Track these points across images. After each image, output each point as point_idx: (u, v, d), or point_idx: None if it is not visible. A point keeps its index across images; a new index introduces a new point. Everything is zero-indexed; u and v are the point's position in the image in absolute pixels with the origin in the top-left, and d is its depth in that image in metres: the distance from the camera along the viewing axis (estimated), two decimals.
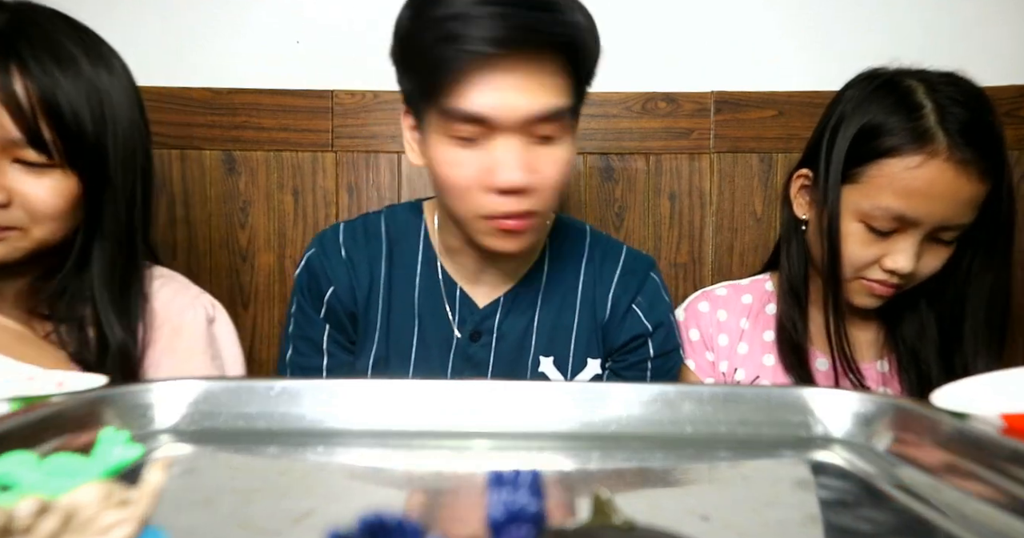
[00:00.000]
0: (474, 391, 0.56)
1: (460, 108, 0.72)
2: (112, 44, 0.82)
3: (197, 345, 0.83)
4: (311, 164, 1.29)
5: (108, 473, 0.29)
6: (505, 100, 0.71)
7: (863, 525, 0.39)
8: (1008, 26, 1.28)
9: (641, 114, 1.29)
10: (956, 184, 0.79)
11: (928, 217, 0.80)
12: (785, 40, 1.29)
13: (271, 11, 1.30)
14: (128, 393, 0.54)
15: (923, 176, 0.79)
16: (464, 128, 0.73)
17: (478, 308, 0.87)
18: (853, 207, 0.84)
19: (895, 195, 0.80)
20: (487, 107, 0.71)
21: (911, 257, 0.82)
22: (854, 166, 0.83)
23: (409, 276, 0.87)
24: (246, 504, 0.40)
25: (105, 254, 0.75)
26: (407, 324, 0.86)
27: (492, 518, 0.26)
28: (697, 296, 1.02)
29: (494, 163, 0.73)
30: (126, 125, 0.75)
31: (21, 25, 0.68)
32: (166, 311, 0.82)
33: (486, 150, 0.74)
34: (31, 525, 0.23)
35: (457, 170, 0.75)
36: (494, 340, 0.86)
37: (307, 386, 0.56)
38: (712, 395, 0.55)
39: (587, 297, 0.89)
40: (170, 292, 0.84)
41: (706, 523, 0.38)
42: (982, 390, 0.49)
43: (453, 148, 0.75)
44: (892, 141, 0.80)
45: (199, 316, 0.84)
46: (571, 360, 0.88)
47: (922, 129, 0.79)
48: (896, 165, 0.80)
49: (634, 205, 1.31)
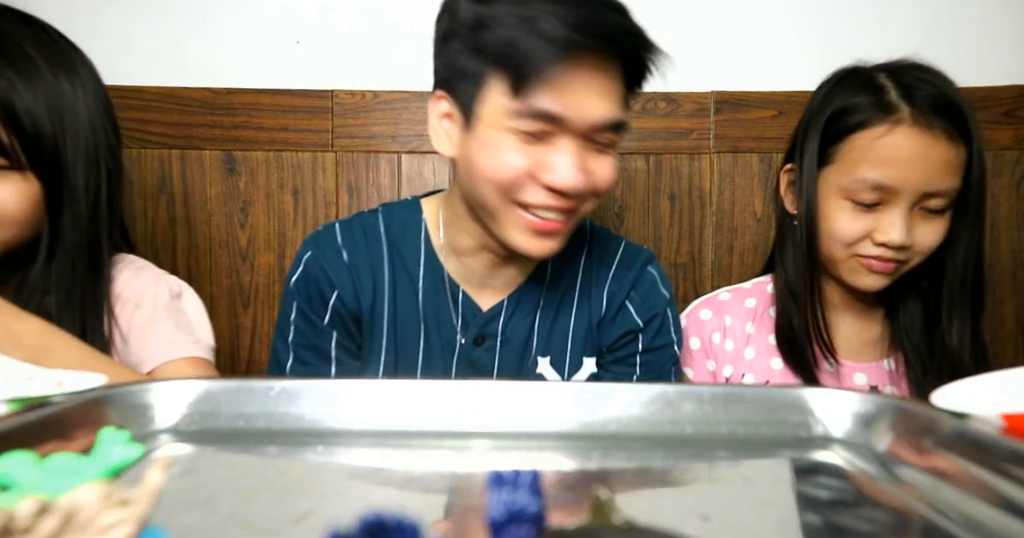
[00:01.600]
0: (474, 391, 0.56)
1: (539, 106, 0.71)
2: (112, 44, 0.82)
3: (159, 314, 0.83)
4: (311, 164, 1.29)
5: (108, 473, 0.29)
6: (583, 103, 0.72)
7: (863, 525, 0.39)
8: (1008, 26, 1.28)
9: (641, 114, 1.29)
10: (925, 147, 0.82)
11: (906, 183, 0.83)
12: (785, 40, 1.29)
13: (271, 11, 1.30)
14: (128, 393, 0.53)
15: (891, 143, 0.82)
16: (533, 124, 0.72)
17: (481, 311, 0.86)
18: (835, 187, 0.87)
19: (869, 165, 0.83)
20: (568, 108, 0.71)
21: (900, 227, 0.83)
22: (828, 148, 0.87)
23: (412, 279, 0.85)
24: (246, 504, 0.40)
25: (66, 252, 0.76)
26: (412, 330, 0.84)
27: (492, 518, 0.26)
28: (699, 303, 1.02)
29: (553, 161, 0.73)
30: (88, 129, 0.76)
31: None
32: (126, 291, 0.84)
33: (548, 147, 0.74)
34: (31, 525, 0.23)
35: (513, 160, 0.73)
36: (498, 344, 0.85)
37: (307, 386, 0.56)
38: (712, 395, 0.55)
39: (584, 295, 0.89)
40: (129, 274, 0.86)
41: (706, 523, 0.38)
42: (982, 390, 0.49)
43: (511, 139, 0.73)
44: (859, 117, 0.85)
45: (161, 291, 0.86)
46: (568, 359, 0.87)
47: (885, 101, 0.84)
48: (865, 137, 0.84)
49: (634, 205, 1.31)
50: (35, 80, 0.70)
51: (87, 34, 1.28)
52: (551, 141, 0.73)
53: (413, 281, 0.85)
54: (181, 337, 0.84)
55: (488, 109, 0.74)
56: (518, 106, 0.72)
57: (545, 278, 0.88)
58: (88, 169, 0.76)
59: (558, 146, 0.73)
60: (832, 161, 0.87)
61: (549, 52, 0.68)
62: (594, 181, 0.75)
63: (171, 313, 0.85)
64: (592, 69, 0.71)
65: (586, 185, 0.74)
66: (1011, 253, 1.27)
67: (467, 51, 0.75)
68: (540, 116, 0.72)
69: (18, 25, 0.73)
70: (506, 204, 0.76)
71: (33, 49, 0.72)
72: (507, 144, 0.73)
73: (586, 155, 0.74)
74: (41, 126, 0.71)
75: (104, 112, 0.80)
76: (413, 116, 1.29)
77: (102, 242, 0.80)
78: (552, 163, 0.73)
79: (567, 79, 0.70)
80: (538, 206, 0.75)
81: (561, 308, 0.88)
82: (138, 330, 0.83)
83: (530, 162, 0.73)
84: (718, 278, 1.27)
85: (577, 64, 0.70)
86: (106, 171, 0.79)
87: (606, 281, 0.89)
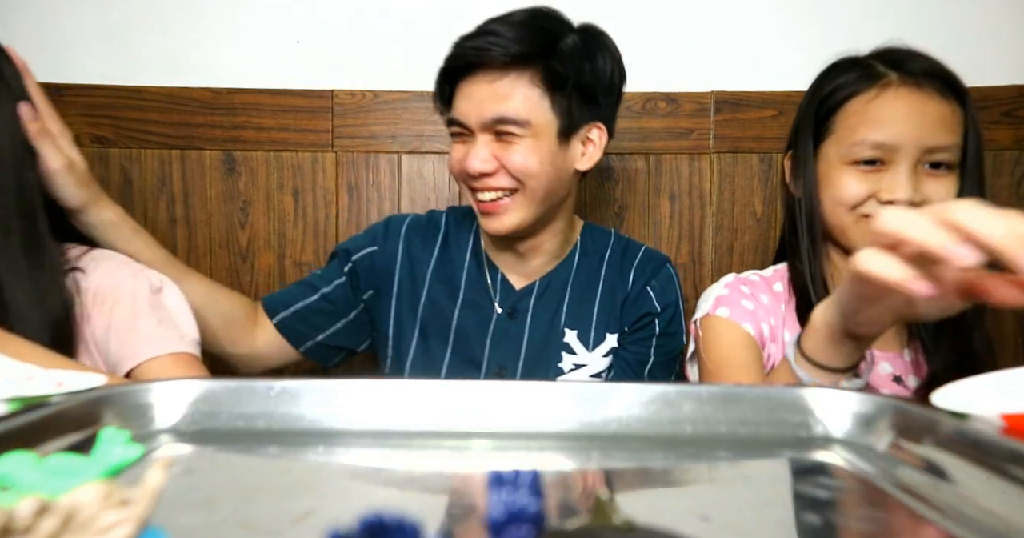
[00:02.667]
0: (474, 391, 0.56)
1: (452, 115, 0.95)
2: (111, 45, 0.83)
3: (140, 309, 0.85)
4: (311, 164, 1.29)
5: (108, 473, 0.29)
6: (478, 106, 0.92)
7: (863, 525, 0.39)
8: (1008, 26, 1.28)
9: (641, 114, 1.29)
10: (917, 102, 0.85)
11: (904, 138, 0.84)
12: (785, 40, 1.30)
13: (271, 11, 1.30)
14: (128, 393, 0.53)
15: (883, 103, 0.86)
16: (451, 127, 0.96)
17: (515, 290, 1.02)
18: (835, 157, 0.89)
19: (865, 127, 0.86)
20: (462, 114, 0.93)
21: (905, 184, 0.84)
22: (824, 124, 0.91)
23: (459, 261, 1.04)
24: (246, 504, 0.40)
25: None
26: (450, 299, 1.01)
27: (492, 518, 0.26)
28: (732, 277, 0.98)
29: (466, 154, 0.94)
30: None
31: None
32: (102, 287, 0.85)
33: (463, 144, 0.96)
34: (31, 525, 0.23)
35: (455, 154, 0.97)
36: (528, 318, 1.00)
37: (307, 386, 0.56)
38: (712, 395, 0.55)
39: (609, 280, 1.03)
40: (106, 269, 0.87)
41: (706, 523, 0.38)
42: (982, 390, 0.49)
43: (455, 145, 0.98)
44: (849, 89, 0.89)
45: (140, 285, 0.87)
46: (592, 333, 1.00)
47: (872, 71, 0.88)
48: (857, 103, 0.88)
49: (634, 205, 1.31)
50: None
51: (87, 34, 1.28)
52: (465, 140, 0.95)
53: (460, 262, 1.03)
54: (164, 333, 0.84)
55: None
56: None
57: (572, 266, 1.03)
58: (10, 141, 0.81)
59: (468, 141, 0.94)
60: (829, 135, 0.90)
61: (447, 73, 0.94)
62: (504, 165, 0.92)
63: (152, 308, 0.86)
64: (487, 78, 0.91)
65: (493, 168, 0.92)
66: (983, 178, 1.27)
67: None
68: (450, 122, 0.96)
69: None
70: (469, 194, 0.96)
71: None
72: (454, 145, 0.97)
73: (494, 145, 0.92)
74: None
75: (9, 107, 0.83)
76: (413, 116, 1.30)
77: (37, 229, 0.82)
78: (465, 156, 0.93)
79: (466, 90, 0.92)
80: (474, 189, 0.95)
81: (587, 290, 1.02)
82: (118, 327, 0.83)
83: (460, 157, 0.94)
84: (718, 278, 1.27)
85: (471, 76, 0.91)
86: (22, 163, 0.82)
87: (631, 269, 1.03)
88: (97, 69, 1.25)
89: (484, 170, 0.92)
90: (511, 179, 0.92)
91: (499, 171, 0.92)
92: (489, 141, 0.92)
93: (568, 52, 0.90)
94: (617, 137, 1.29)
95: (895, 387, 0.90)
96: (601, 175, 1.31)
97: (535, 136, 0.91)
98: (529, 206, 0.94)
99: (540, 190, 0.93)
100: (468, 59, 0.91)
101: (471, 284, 1.02)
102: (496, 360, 0.99)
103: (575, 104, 0.92)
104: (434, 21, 1.31)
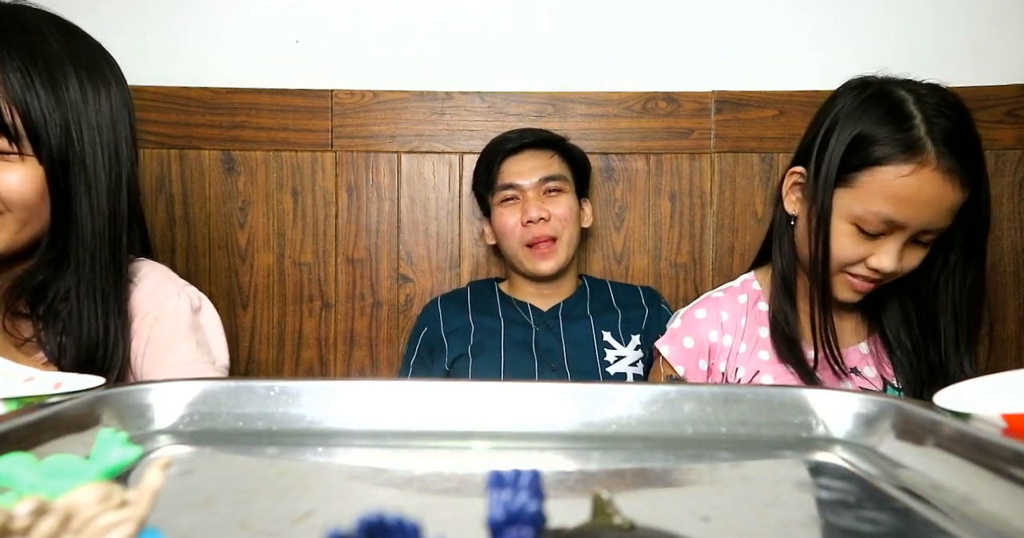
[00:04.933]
0: (474, 391, 0.56)
1: (501, 181, 1.21)
2: (111, 44, 0.82)
3: (181, 331, 0.83)
4: (310, 164, 1.29)
5: (106, 474, 0.29)
6: (526, 171, 1.20)
7: (864, 526, 0.39)
8: (1009, 26, 1.28)
9: (641, 114, 1.29)
10: (942, 191, 0.85)
11: (914, 221, 0.86)
12: (785, 40, 1.29)
13: (271, 11, 1.29)
14: (126, 394, 0.53)
15: (913, 184, 0.84)
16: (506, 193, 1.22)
17: (543, 312, 1.22)
18: (846, 210, 0.89)
19: (886, 201, 0.85)
20: (516, 176, 1.20)
21: (895, 258, 0.88)
22: (847, 171, 0.88)
23: (491, 305, 1.24)
24: (246, 504, 0.40)
25: (85, 246, 0.77)
26: (495, 327, 1.20)
27: (492, 518, 0.26)
28: (694, 304, 1.04)
29: (526, 209, 1.19)
30: (109, 124, 0.78)
31: (7, 28, 0.72)
32: (148, 301, 0.83)
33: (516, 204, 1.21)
34: (29, 526, 0.23)
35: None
36: (561, 327, 1.19)
37: (306, 386, 0.56)
38: (712, 396, 0.55)
39: (619, 293, 1.24)
40: (151, 283, 0.85)
41: (706, 524, 0.38)
42: (983, 390, 0.49)
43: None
44: (885, 150, 0.85)
45: (183, 304, 0.85)
46: (620, 335, 1.18)
47: (912, 139, 0.84)
48: (889, 173, 0.85)
49: (634, 205, 1.31)
50: (52, 78, 0.73)
51: None
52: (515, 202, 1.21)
53: (492, 305, 1.24)
54: (200, 356, 0.83)
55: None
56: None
57: (586, 292, 1.25)
58: (109, 163, 0.78)
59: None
60: (849, 185, 0.88)
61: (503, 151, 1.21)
62: (555, 212, 1.17)
63: (192, 329, 0.85)
64: (529, 154, 1.20)
65: (547, 218, 1.18)
66: (1013, 253, 1.27)
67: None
68: (503, 187, 1.21)
69: (45, 26, 0.76)
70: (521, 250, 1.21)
71: (57, 48, 0.74)
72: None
73: (545, 198, 1.19)
74: (48, 117, 0.73)
75: (127, 114, 0.82)
76: (413, 116, 1.30)
77: (122, 239, 0.80)
78: (525, 210, 1.18)
79: (516, 162, 1.20)
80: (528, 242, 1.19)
81: (605, 303, 1.23)
82: (156, 345, 0.82)
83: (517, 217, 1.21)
84: (719, 278, 1.27)
85: (519, 154, 1.20)
86: (127, 166, 0.81)
87: (639, 291, 1.25)
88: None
89: (548, 219, 1.19)
90: (559, 227, 1.19)
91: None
92: (539, 197, 1.20)
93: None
94: (617, 137, 1.30)
95: (853, 378, 0.95)
96: (601, 175, 1.31)
97: (569, 194, 1.22)
98: (567, 248, 1.21)
99: (575, 238, 1.22)
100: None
101: (508, 317, 1.21)
102: (546, 359, 1.15)
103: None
104: (434, 21, 1.31)
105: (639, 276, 1.32)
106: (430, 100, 1.30)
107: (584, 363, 1.15)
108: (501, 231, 1.20)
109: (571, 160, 1.23)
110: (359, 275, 1.31)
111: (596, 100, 1.29)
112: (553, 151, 1.21)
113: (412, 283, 1.32)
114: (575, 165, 1.23)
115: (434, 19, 1.31)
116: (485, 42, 1.32)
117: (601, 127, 1.30)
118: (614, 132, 1.29)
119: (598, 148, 1.30)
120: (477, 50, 1.32)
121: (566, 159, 1.22)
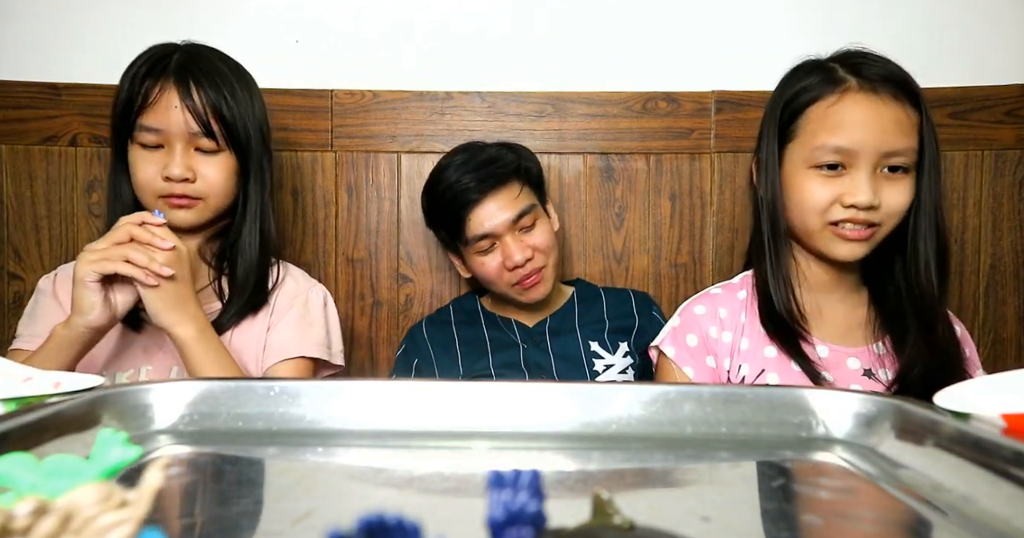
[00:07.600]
0: (474, 391, 0.56)
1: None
2: (111, 44, 0.83)
3: (317, 318, 1.06)
4: (310, 164, 1.29)
5: (106, 474, 0.29)
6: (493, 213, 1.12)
7: (864, 526, 0.39)
8: (1008, 26, 1.28)
9: (641, 114, 1.29)
10: (874, 109, 0.89)
11: (863, 144, 0.88)
12: (786, 39, 1.29)
13: (270, 11, 1.29)
14: (126, 393, 0.53)
15: (843, 108, 0.90)
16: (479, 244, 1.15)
17: (529, 328, 1.20)
18: (799, 160, 0.92)
19: (827, 132, 0.90)
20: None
21: (865, 187, 0.89)
22: (787, 128, 0.95)
23: (476, 325, 1.21)
24: (245, 504, 0.40)
25: (253, 215, 1.02)
26: (482, 354, 1.17)
27: (492, 518, 0.26)
28: (691, 301, 1.02)
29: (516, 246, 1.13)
30: (260, 126, 1.02)
31: (194, 59, 0.98)
32: (292, 292, 1.06)
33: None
34: (29, 526, 0.23)
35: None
36: (549, 342, 1.17)
37: (306, 386, 0.56)
38: (712, 396, 0.55)
39: (611, 304, 1.21)
40: (292, 280, 1.08)
41: (706, 524, 0.38)
42: (983, 390, 0.49)
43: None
44: (811, 93, 0.93)
45: (319, 295, 1.08)
46: (607, 343, 1.17)
47: (833, 76, 0.92)
48: (819, 108, 0.92)
49: (634, 205, 1.31)
50: (232, 91, 0.98)
51: (85, 33, 1.28)
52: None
53: (478, 325, 1.21)
54: (325, 344, 1.05)
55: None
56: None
57: (574, 306, 1.21)
58: (264, 153, 1.03)
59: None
60: (793, 138, 0.94)
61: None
62: (535, 244, 1.12)
63: (324, 319, 1.07)
64: (493, 197, 1.12)
65: (531, 257, 1.12)
66: (1013, 253, 1.27)
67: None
68: (477, 238, 1.13)
69: (215, 55, 1.01)
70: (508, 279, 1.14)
71: (227, 70, 0.99)
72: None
73: (522, 235, 1.13)
74: (237, 120, 0.97)
75: (264, 107, 1.05)
76: (413, 116, 1.29)
77: (269, 223, 1.04)
78: (508, 255, 1.12)
79: (482, 210, 1.11)
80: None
81: (592, 314, 1.20)
82: (299, 320, 1.03)
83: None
84: (719, 278, 1.27)
85: (483, 201, 1.12)
86: (268, 161, 1.05)
87: (629, 297, 1.23)
88: (96, 69, 1.24)
89: (533, 250, 1.14)
90: (543, 256, 1.15)
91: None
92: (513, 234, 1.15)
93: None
94: (617, 137, 1.29)
95: (867, 381, 0.93)
96: (601, 175, 1.31)
97: (542, 219, 1.17)
98: (552, 276, 1.17)
99: (557, 264, 1.20)
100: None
101: (493, 336, 1.19)
102: (535, 375, 1.14)
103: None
104: (434, 21, 1.31)
105: (639, 276, 1.32)
106: (430, 100, 1.30)
107: (573, 374, 1.14)
108: (486, 277, 1.15)
109: (529, 178, 1.16)
110: (359, 275, 1.31)
111: (596, 100, 1.29)
112: (515, 182, 1.13)
113: (412, 283, 1.32)
114: (533, 180, 1.17)
115: (434, 19, 1.31)
116: (485, 42, 1.32)
117: (601, 127, 1.29)
118: (614, 132, 1.29)
119: (598, 148, 1.30)
120: (477, 50, 1.32)
121: (526, 180, 1.15)
